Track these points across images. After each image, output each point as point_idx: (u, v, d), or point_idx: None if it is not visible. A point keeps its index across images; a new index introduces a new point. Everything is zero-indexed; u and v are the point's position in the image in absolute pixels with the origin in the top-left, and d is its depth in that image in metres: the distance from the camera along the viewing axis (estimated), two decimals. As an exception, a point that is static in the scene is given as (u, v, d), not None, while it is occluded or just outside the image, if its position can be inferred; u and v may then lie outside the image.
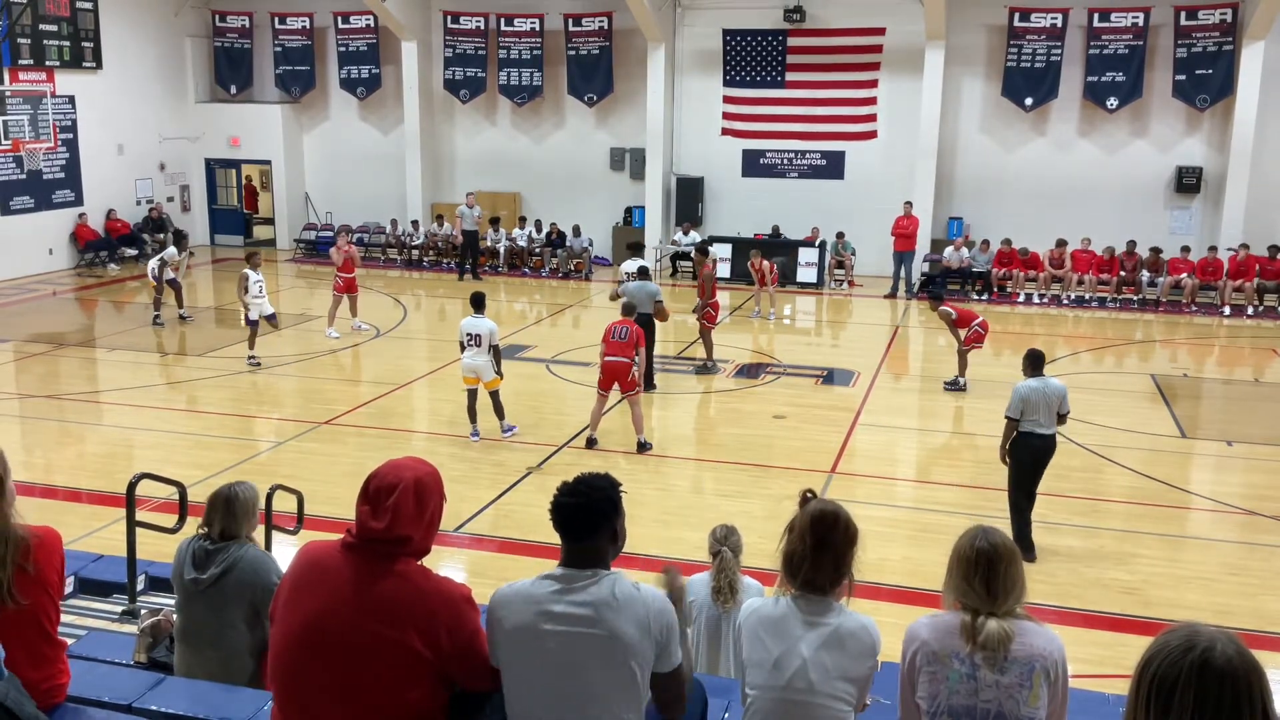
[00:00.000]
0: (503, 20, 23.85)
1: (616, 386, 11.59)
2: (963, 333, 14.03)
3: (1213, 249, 20.36)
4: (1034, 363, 9.00)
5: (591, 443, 11.72)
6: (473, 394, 11.94)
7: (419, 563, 3.21)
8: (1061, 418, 8.88)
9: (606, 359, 11.52)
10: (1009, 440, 8.89)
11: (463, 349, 11.78)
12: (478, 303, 11.91)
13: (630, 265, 14.95)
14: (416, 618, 3.06)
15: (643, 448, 11.57)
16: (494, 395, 11.92)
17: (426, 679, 3.10)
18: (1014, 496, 9.00)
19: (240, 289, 14.78)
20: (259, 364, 14.91)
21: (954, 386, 14.18)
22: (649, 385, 13.98)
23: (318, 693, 3.12)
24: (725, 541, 5.48)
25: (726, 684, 4.87)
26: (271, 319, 15.20)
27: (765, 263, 18.59)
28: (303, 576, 3.22)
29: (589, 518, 3.12)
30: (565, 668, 3.03)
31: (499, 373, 11.84)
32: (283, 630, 3.20)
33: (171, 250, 17.59)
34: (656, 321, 13.85)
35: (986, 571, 3.23)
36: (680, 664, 3.18)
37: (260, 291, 14.83)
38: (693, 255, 20.33)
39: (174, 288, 17.50)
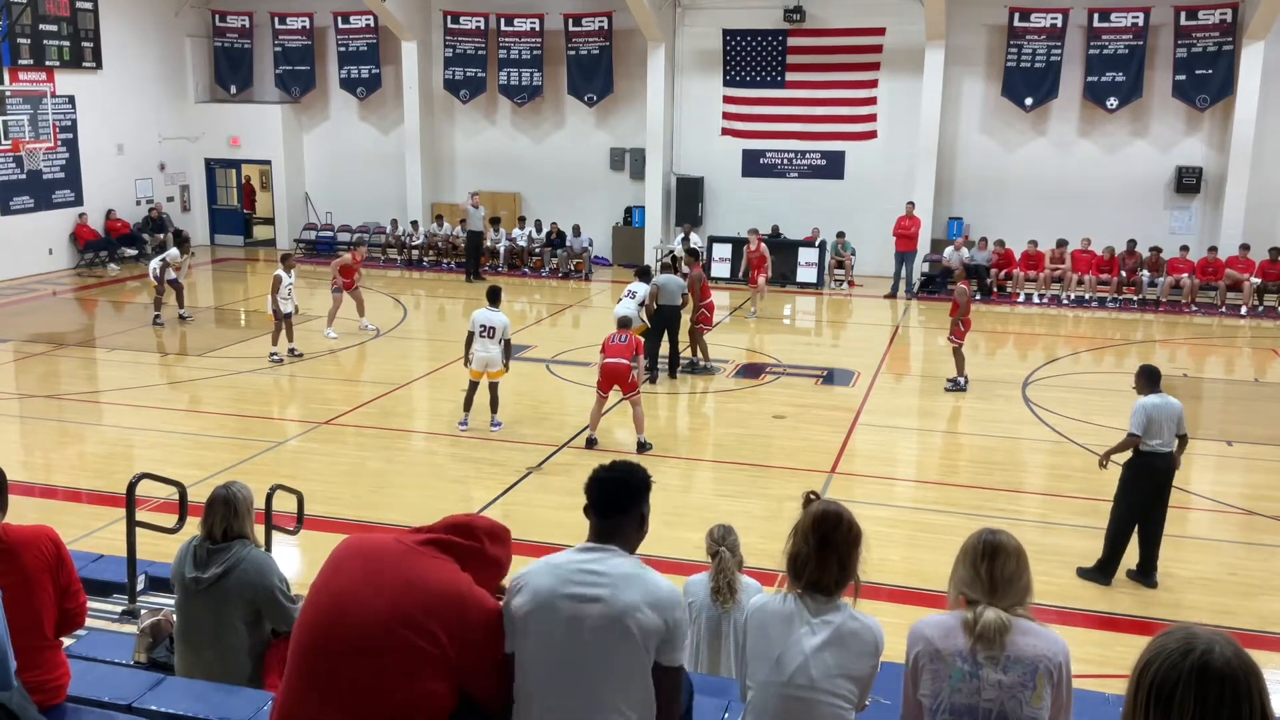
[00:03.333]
0: (503, 20, 23.85)
1: (617, 388, 11.62)
2: (951, 321, 14.02)
3: (1213, 249, 20.36)
4: (1151, 379, 8.44)
5: (591, 443, 11.73)
6: (475, 386, 12.13)
7: (467, 574, 3.27)
8: (1182, 439, 8.38)
9: (606, 361, 11.59)
10: (1121, 453, 8.42)
11: (471, 340, 11.96)
12: (494, 296, 12.25)
13: (636, 286, 14.68)
14: (448, 612, 3.12)
15: (642, 448, 11.58)
16: (494, 386, 12.19)
17: (442, 674, 3.12)
18: (1121, 521, 8.49)
19: (273, 289, 15.01)
20: (280, 361, 15.12)
21: (954, 387, 14.18)
22: (672, 373, 14.57)
23: (335, 668, 3.12)
24: (723, 541, 5.48)
25: (726, 684, 4.87)
26: (289, 318, 15.32)
27: (764, 245, 18.57)
28: (344, 560, 3.29)
29: (624, 494, 3.27)
30: (576, 634, 3.12)
31: (505, 366, 12.13)
32: (310, 605, 3.24)
33: (174, 251, 17.60)
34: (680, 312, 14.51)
35: (991, 561, 3.27)
36: (681, 666, 3.25)
37: (289, 294, 15.11)
38: (683, 258, 20.27)
39: (175, 288, 17.51)
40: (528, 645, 3.17)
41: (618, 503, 3.27)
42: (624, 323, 12.37)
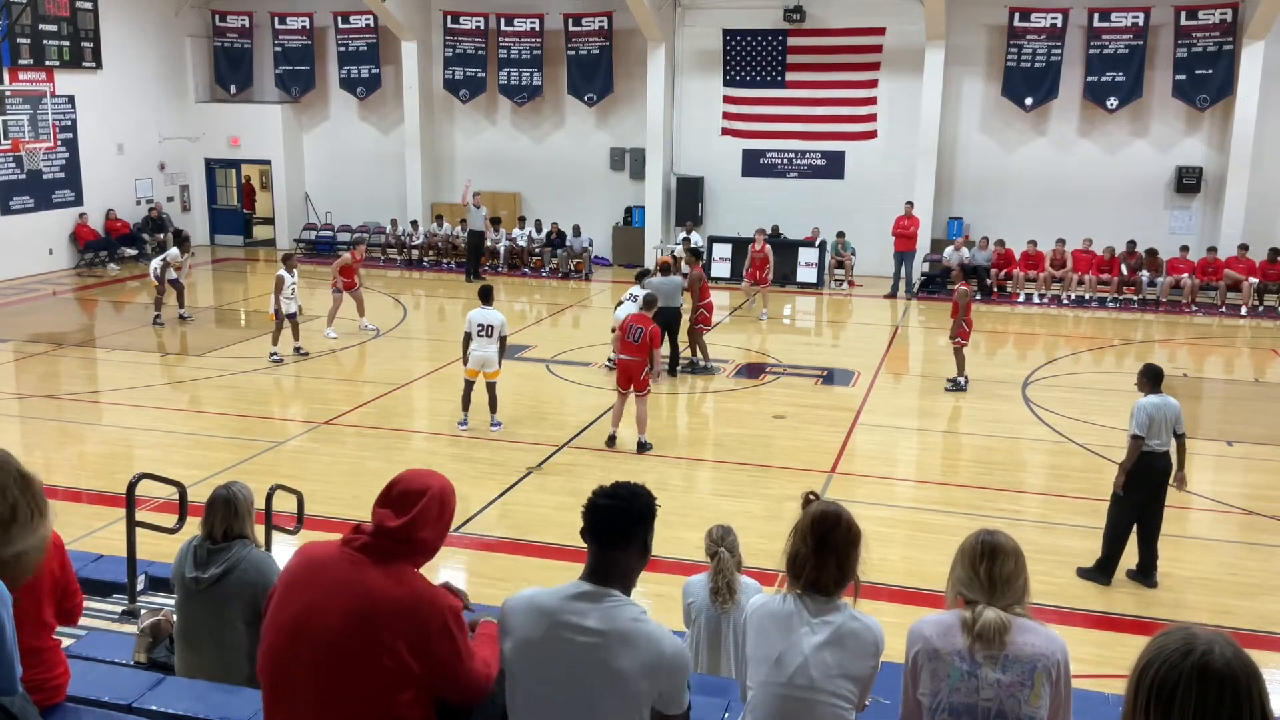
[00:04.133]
0: (503, 20, 23.85)
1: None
2: (953, 323, 14.01)
3: (1211, 249, 20.36)
4: (1154, 379, 8.40)
5: (611, 440, 11.74)
6: (471, 385, 12.17)
7: (416, 571, 3.19)
8: (1179, 437, 8.33)
9: (620, 357, 11.68)
10: (1134, 460, 8.28)
11: (468, 340, 11.98)
12: (486, 295, 12.26)
13: (638, 290, 14.62)
14: (405, 623, 3.04)
15: (642, 447, 11.61)
16: (491, 387, 12.23)
17: (410, 685, 3.07)
18: (1120, 521, 8.45)
19: (276, 289, 15.10)
20: (281, 360, 15.14)
21: (955, 387, 14.17)
22: (672, 371, 14.63)
23: (301, 689, 3.09)
24: (722, 542, 5.48)
25: (726, 684, 4.87)
26: (293, 317, 15.37)
27: (768, 247, 18.56)
28: (298, 574, 3.21)
29: (626, 524, 3.04)
30: (569, 689, 2.99)
31: (499, 364, 12.18)
32: (271, 625, 3.19)
33: (174, 251, 17.61)
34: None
35: (990, 562, 3.28)
36: (686, 710, 3.10)
37: (293, 293, 15.19)
38: (684, 257, 20.18)
39: (176, 288, 17.51)
40: (516, 689, 3.05)
41: (619, 532, 3.03)
42: (649, 301, 12.16)
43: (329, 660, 3.04)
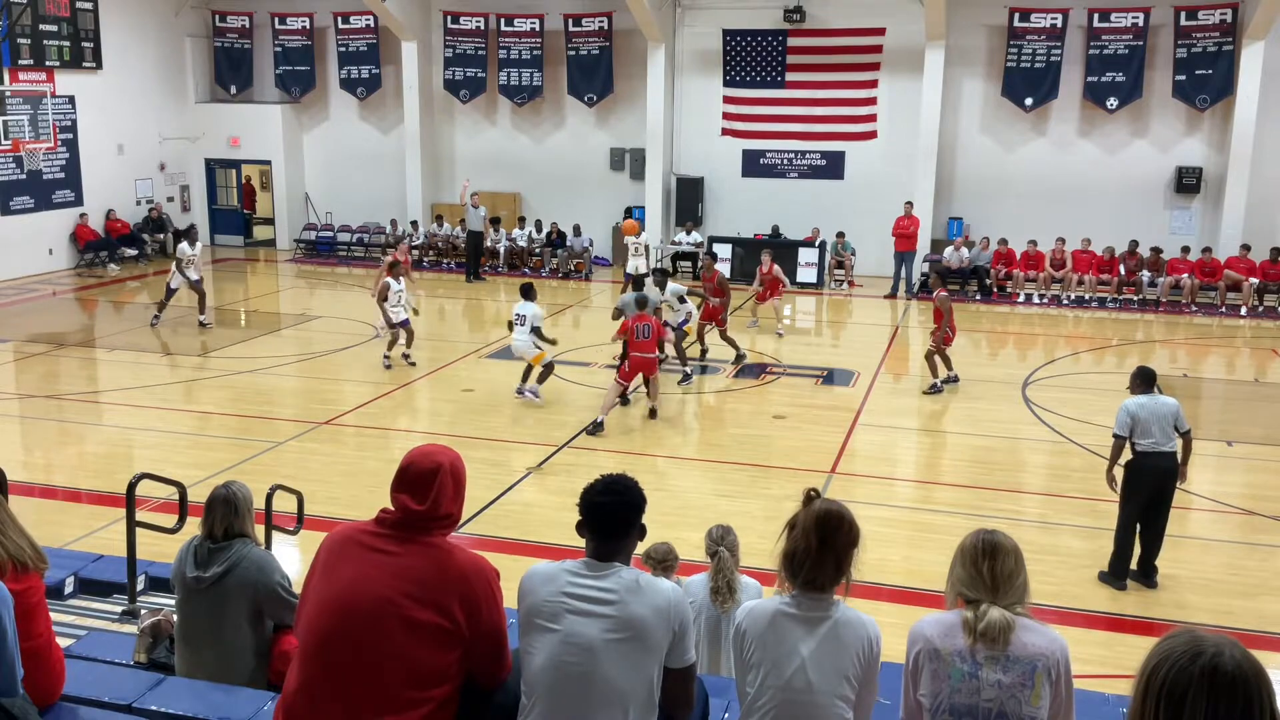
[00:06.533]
0: (503, 20, 23.85)
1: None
2: (936, 328, 14.01)
3: (1207, 250, 20.35)
4: (1144, 380, 8.42)
5: (598, 427, 11.87)
6: (528, 366, 13.26)
7: (449, 539, 3.35)
8: (1184, 434, 8.30)
9: (634, 355, 12.22)
10: (1117, 461, 8.36)
11: (510, 328, 13.27)
12: (527, 291, 13.30)
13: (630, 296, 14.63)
14: (451, 589, 3.17)
15: (653, 414, 12.48)
16: (544, 367, 13.15)
17: (454, 651, 3.18)
18: (1122, 522, 8.50)
19: (380, 297, 14.94)
20: (414, 364, 15.08)
21: (950, 381, 14.14)
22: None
23: (351, 661, 3.16)
24: (722, 541, 5.48)
25: (726, 684, 4.86)
26: (405, 324, 15.10)
27: (776, 267, 17.60)
28: (338, 551, 3.33)
29: (624, 516, 3.26)
30: (582, 645, 3.13)
31: (540, 349, 13.01)
32: (316, 600, 3.26)
33: (183, 246, 17.19)
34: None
35: (991, 560, 3.29)
36: (693, 663, 3.30)
37: (399, 300, 14.98)
38: (701, 259, 19.66)
39: (198, 290, 17.18)
40: (531, 661, 3.19)
41: (618, 525, 3.26)
42: (641, 302, 12.71)
43: (381, 630, 3.13)
